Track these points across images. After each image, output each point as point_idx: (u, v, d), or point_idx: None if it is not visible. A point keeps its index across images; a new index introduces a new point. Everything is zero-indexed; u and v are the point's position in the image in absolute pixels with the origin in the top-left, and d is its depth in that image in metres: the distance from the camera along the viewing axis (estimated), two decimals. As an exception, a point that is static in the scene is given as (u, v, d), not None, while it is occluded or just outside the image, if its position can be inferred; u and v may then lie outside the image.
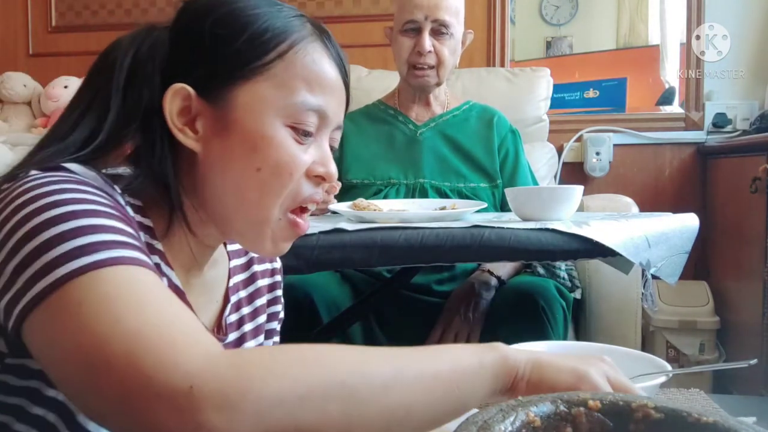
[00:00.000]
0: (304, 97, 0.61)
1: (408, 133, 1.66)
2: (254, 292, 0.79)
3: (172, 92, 0.60)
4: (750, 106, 2.38)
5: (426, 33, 1.55)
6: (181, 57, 0.62)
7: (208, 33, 0.61)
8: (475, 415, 0.43)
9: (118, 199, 0.56)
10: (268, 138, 0.60)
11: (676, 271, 1.07)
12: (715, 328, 2.13)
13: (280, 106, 0.61)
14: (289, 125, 0.61)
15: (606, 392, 0.48)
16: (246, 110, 0.60)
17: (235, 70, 0.61)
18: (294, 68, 0.61)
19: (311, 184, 0.64)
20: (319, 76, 0.63)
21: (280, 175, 0.61)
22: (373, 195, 1.57)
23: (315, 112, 0.62)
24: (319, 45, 0.64)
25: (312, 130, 0.63)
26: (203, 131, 0.61)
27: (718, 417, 0.43)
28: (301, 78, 0.62)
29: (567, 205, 1.13)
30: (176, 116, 0.60)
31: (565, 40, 3.01)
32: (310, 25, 0.65)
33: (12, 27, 2.80)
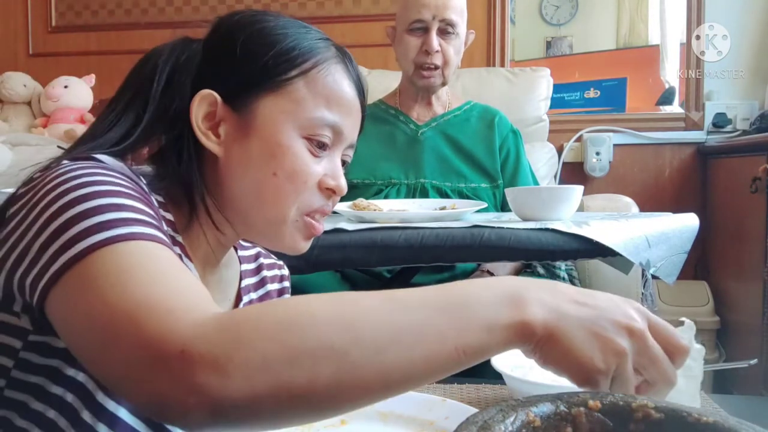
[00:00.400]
0: (322, 113, 0.66)
1: (409, 132, 1.66)
2: (264, 295, 0.82)
3: (200, 97, 0.65)
4: (750, 106, 2.38)
5: (433, 32, 1.56)
6: (212, 67, 0.67)
7: (240, 46, 0.66)
8: (475, 415, 0.43)
9: (143, 188, 0.59)
10: (286, 147, 0.65)
11: (675, 270, 1.07)
12: (715, 328, 2.13)
13: (299, 119, 0.65)
14: (305, 137, 0.66)
15: (606, 392, 0.47)
16: (267, 119, 0.65)
17: (260, 82, 0.65)
18: (315, 86, 0.66)
19: (322, 196, 0.68)
20: (339, 95, 0.68)
21: (294, 181, 0.65)
22: (374, 195, 1.57)
23: (331, 127, 0.67)
24: (341, 67, 0.69)
25: (327, 143, 0.67)
26: (225, 136, 0.66)
27: (718, 417, 0.43)
28: (321, 95, 0.66)
29: (567, 205, 1.13)
30: (201, 120, 0.65)
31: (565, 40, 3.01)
32: (334, 48, 0.70)
33: (12, 27, 2.80)
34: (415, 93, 1.67)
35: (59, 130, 2.48)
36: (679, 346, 0.49)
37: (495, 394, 0.85)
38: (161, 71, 0.66)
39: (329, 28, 2.61)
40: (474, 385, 0.88)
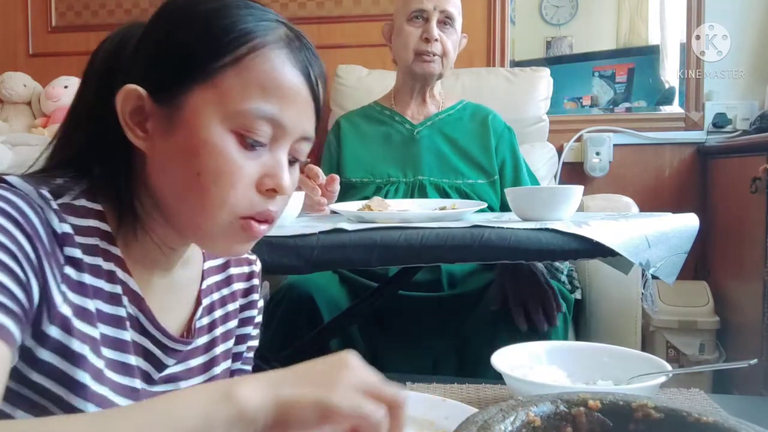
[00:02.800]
0: (256, 105, 0.59)
1: (405, 132, 1.69)
2: (228, 296, 0.78)
3: (124, 93, 0.60)
4: (750, 106, 2.38)
5: (434, 22, 1.60)
6: (144, 57, 0.62)
7: (166, 33, 0.61)
8: (476, 415, 0.43)
9: (31, 222, 0.54)
10: (210, 144, 0.58)
11: (674, 270, 1.07)
12: (715, 328, 2.13)
13: (228, 112, 0.59)
14: (235, 132, 0.59)
15: (606, 392, 0.47)
16: (193, 113, 0.59)
17: (188, 73, 0.60)
18: (249, 74, 0.59)
19: (262, 198, 0.62)
20: (277, 83, 0.60)
21: (219, 183, 0.59)
22: (372, 194, 1.58)
23: (267, 121, 0.60)
24: (284, 52, 0.61)
25: (263, 140, 0.61)
26: (152, 131, 0.61)
27: (718, 417, 0.43)
28: (255, 84, 0.59)
29: (567, 205, 1.13)
30: (128, 115, 0.61)
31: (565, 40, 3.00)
32: (281, 30, 0.62)
33: (12, 27, 2.80)
34: (411, 89, 1.69)
35: (59, 130, 2.48)
36: None
37: (495, 394, 0.85)
38: (97, 69, 0.64)
39: (329, 28, 2.61)
40: (474, 385, 0.88)
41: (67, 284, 0.58)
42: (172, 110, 0.60)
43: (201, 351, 0.73)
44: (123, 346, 0.63)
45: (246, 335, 0.81)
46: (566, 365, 0.83)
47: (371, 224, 1.10)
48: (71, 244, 0.58)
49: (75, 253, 0.58)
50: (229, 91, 0.59)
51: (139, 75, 0.61)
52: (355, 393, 0.47)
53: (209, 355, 0.74)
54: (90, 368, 0.58)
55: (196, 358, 0.72)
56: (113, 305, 0.62)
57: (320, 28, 2.58)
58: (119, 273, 0.62)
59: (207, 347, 0.74)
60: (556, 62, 2.89)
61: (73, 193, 0.61)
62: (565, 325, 1.39)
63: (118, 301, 0.62)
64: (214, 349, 0.74)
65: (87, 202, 0.62)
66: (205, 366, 0.73)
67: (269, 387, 0.46)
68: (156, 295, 0.67)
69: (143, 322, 0.65)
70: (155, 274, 0.68)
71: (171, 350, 0.68)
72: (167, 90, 0.60)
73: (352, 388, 0.47)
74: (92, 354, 0.59)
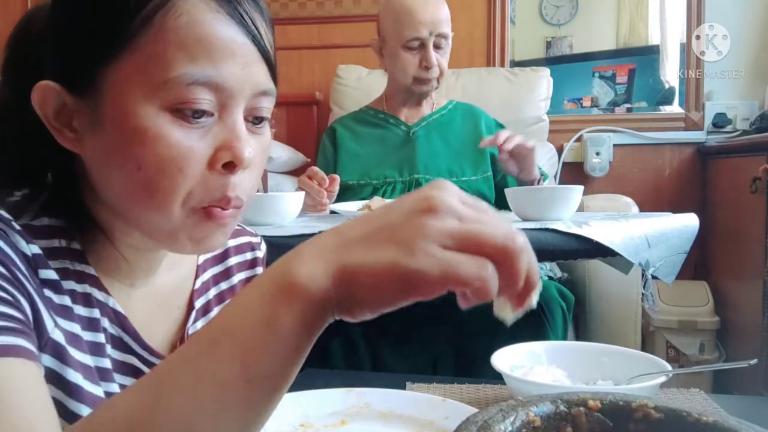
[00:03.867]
0: (183, 70, 0.48)
1: (401, 133, 1.71)
2: (227, 291, 0.69)
3: (38, 91, 0.51)
4: (750, 106, 2.38)
5: (430, 47, 1.59)
6: (50, 46, 0.53)
7: (68, 9, 0.51)
8: (475, 415, 0.43)
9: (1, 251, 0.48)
10: (142, 131, 0.48)
11: (674, 270, 1.07)
12: (715, 328, 2.13)
13: (152, 87, 0.48)
14: (169, 108, 0.49)
15: (606, 392, 0.47)
16: (115, 98, 0.49)
17: (96, 49, 0.49)
18: (164, 34, 0.48)
19: (220, 176, 0.51)
20: (203, 38, 0.49)
21: (165, 172, 0.49)
22: (369, 195, 1.60)
23: (204, 86, 0.49)
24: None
25: (207, 108, 0.50)
26: (81, 130, 0.52)
27: (718, 417, 0.43)
28: (175, 45, 0.48)
29: (567, 205, 1.13)
30: (52, 117, 0.52)
31: (565, 40, 3.00)
32: None
33: (12, 27, 2.79)
34: (406, 99, 1.72)
35: (59, 130, 2.48)
36: None
37: (495, 394, 0.85)
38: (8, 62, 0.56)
39: (329, 28, 2.61)
40: (474, 385, 0.88)
41: (52, 308, 0.51)
42: (94, 100, 0.50)
43: None
44: (105, 374, 0.56)
45: None
46: (566, 365, 0.83)
47: (371, 224, 1.10)
48: (44, 265, 0.51)
49: (50, 275, 0.52)
50: (147, 61, 0.48)
51: (51, 66, 0.52)
52: (445, 246, 0.35)
53: None
54: (87, 398, 0.53)
55: None
56: (91, 331, 0.55)
57: (320, 28, 2.59)
58: (96, 293, 0.56)
59: None
60: (556, 62, 2.90)
61: (32, 212, 0.53)
62: (564, 325, 1.39)
63: (96, 327, 0.56)
64: None
65: (49, 219, 0.54)
66: None
67: (331, 256, 0.37)
68: (139, 308, 0.60)
69: (128, 341, 0.58)
70: (136, 286, 0.60)
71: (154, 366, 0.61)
72: (81, 78, 0.50)
73: (441, 239, 0.35)
74: (88, 382, 0.53)
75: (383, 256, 0.35)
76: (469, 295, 0.36)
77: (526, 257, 0.37)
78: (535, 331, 1.30)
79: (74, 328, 0.53)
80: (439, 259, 0.35)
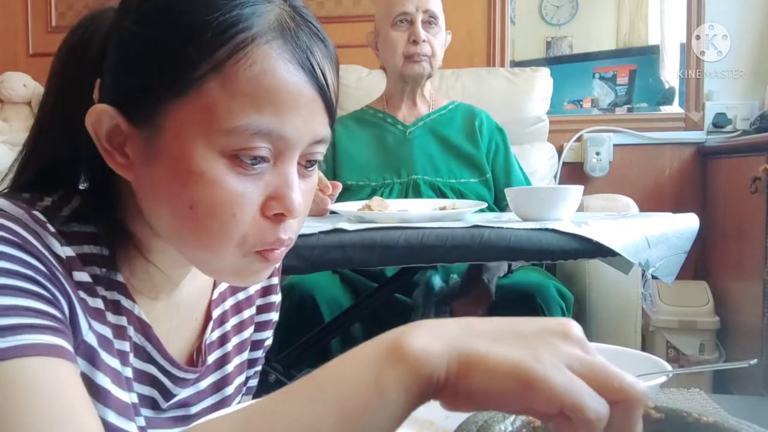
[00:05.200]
0: (248, 120, 0.48)
1: (397, 133, 1.71)
2: (244, 301, 0.70)
3: (94, 114, 0.51)
4: (750, 106, 2.38)
5: (419, 23, 1.61)
6: (110, 66, 0.52)
7: (131, 33, 0.50)
8: (475, 415, 0.43)
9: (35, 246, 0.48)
10: (198, 173, 0.48)
11: (674, 270, 1.07)
12: (715, 328, 2.13)
13: (214, 131, 0.48)
14: (227, 154, 0.49)
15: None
16: (174, 136, 0.49)
17: (160, 86, 0.49)
18: (235, 83, 0.48)
19: (270, 225, 0.52)
20: (272, 90, 0.48)
21: (217, 216, 0.49)
22: (367, 196, 1.59)
23: (265, 137, 0.49)
24: (276, 45, 0.49)
25: (265, 155, 0.50)
26: (133, 156, 0.51)
27: (718, 417, 0.43)
28: (243, 94, 0.48)
29: (567, 205, 1.13)
30: (104, 138, 0.51)
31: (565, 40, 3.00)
32: (271, 13, 0.49)
33: (12, 27, 2.80)
34: (402, 91, 1.71)
35: (59, 130, 2.48)
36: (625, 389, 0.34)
37: (495, 394, 0.85)
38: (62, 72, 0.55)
39: (329, 28, 2.60)
40: (474, 385, 0.88)
41: (87, 310, 0.51)
42: (152, 132, 0.50)
43: (212, 369, 0.66)
44: (126, 383, 0.56)
45: (262, 340, 0.74)
46: (566, 365, 0.83)
47: (371, 224, 1.10)
48: (78, 268, 0.51)
49: (84, 277, 0.51)
50: (213, 106, 0.48)
51: (111, 90, 0.51)
52: (572, 370, 0.34)
53: (221, 373, 0.67)
54: (114, 403, 0.53)
55: (206, 379, 0.65)
56: (119, 339, 0.55)
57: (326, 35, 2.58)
58: (124, 301, 0.55)
59: (218, 363, 0.67)
60: (556, 62, 2.89)
61: (62, 217, 0.53)
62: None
63: (123, 335, 0.56)
64: (225, 367, 0.67)
65: (79, 225, 0.54)
66: (217, 385, 0.67)
67: (453, 339, 0.35)
68: (162, 318, 0.60)
69: (150, 351, 0.58)
70: (160, 298, 0.60)
71: (180, 380, 0.61)
72: (142, 109, 0.50)
73: (570, 361, 0.34)
74: (116, 387, 0.53)
75: (510, 352, 0.34)
76: (568, 428, 0.33)
77: (642, 409, 0.35)
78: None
79: (106, 332, 0.53)
80: (565, 375, 0.33)
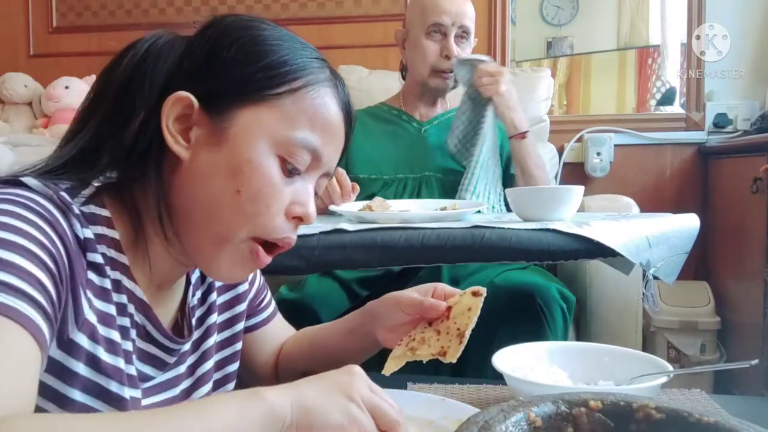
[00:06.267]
0: (304, 134, 0.62)
1: (412, 130, 1.71)
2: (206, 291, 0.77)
3: (174, 99, 0.61)
4: (751, 106, 2.38)
5: (452, 38, 1.62)
6: (193, 68, 0.63)
7: (228, 50, 0.62)
8: (477, 415, 0.43)
9: (61, 224, 0.54)
10: (256, 163, 0.60)
11: (675, 271, 1.07)
12: (715, 329, 2.13)
13: (277, 136, 0.61)
14: (280, 156, 0.62)
15: (607, 392, 0.47)
16: (243, 130, 0.61)
17: (244, 92, 0.61)
18: (302, 105, 0.63)
19: (288, 224, 0.64)
20: (325, 118, 0.64)
21: (256, 203, 0.61)
22: (380, 189, 1.60)
23: (310, 151, 0.63)
24: (331, 90, 0.65)
25: (301, 168, 0.63)
26: (195, 141, 0.61)
27: (720, 417, 0.43)
28: (306, 116, 0.63)
29: (568, 205, 1.13)
30: (172, 121, 0.61)
31: (565, 41, 3.00)
32: (328, 70, 0.67)
33: (13, 27, 2.80)
34: (421, 95, 1.72)
35: (60, 131, 2.48)
36: None
37: (496, 395, 0.85)
38: (136, 69, 0.62)
39: (329, 28, 2.61)
40: (475, 385, 0.88)
41: (92, 290, 0.57)
42: (222, 124, 0.61)
43: (192, 349, 0.73)
44: (127, 356, 0.62)
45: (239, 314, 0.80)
46: (567, 366, 0.83)
47: (372, 225, 1.10)
48: (92, 249, 0.58)
49: (96, 258, 0.58)
50: (282, 117, 0.62)
51: (188, 84, 0.61)
52: None
53: (198, 353, 0.73)
54: (107, 370, 0.58)
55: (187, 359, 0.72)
56: (120, 316, 0.61)
57: (321, 29, 2.58)
58: (125, 282, 0.62)
59: (197, 343, 0.73)
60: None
61: (82, 199, 0.60)
62: (565, 326, 1.38)
63: (124, 312, 0.62)
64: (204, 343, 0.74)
65: (96, 208, 0.61)
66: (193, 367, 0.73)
67: (291, 390, 0.51)
68: (155, 297, 0.67)
69: (150, 330, 0.65)
70: (161, 289, 0.68)
71: (173, 351, 0.68)
72: (220, 104, 0.61)
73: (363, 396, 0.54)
74: (108, 354, 0.58)
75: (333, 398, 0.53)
76: None
77: None
78: (536, 332, 1.30)
79: (110, 310, 0.59)
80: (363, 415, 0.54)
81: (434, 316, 0.75)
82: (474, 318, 0.72)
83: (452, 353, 0.70)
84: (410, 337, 0.76)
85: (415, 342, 0.74)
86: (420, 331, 0.76)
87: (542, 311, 1.35)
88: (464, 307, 0.74)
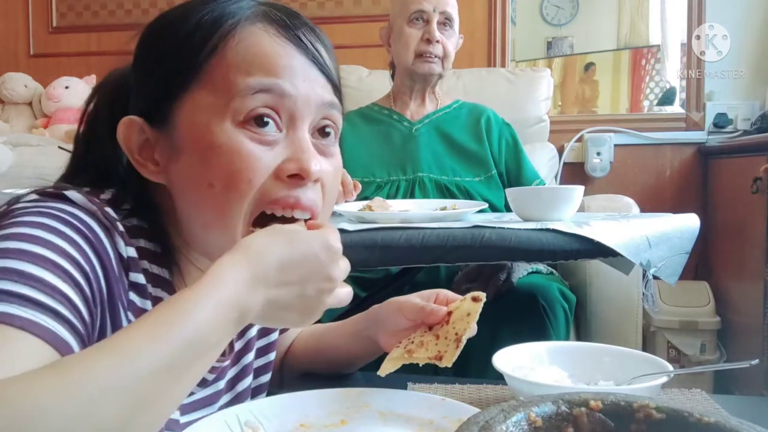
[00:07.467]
0: (245, 83, 0.55)
1: (404, 130, 1.71)
2: None
3: (123, 126, 0.58)
4: (751, 106, 2.38)
5: (434, 23, 1.62)
6: (134, 88, 0.60)
7: (146, 55, 0.59)
8: (477, 415, 0.43)
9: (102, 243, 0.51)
10: (217, 146, 0.54)
11: (676, 271, 1.07)
12: (716, 329, 2.13)
13: (220, 106, 0.55)
14: (241, 122, 0.55)
15: (607, 392, 0.47)
16: (189, 124, 0.56)
17: (170, 85, 0.57)
18: (230, 57, 0.55)
19: (284, 186, 0.56)
20: (260, 55, 0.56)
21: (235, 185, 0.54)
22: (373, 192, 1.59)
23: (263, 91, 0.55)
24: (259, 25, 0.57)
25: (268, 113, 0.55)
26: (162, 161, 0.58)
27: (720, 417, 0.43)
28: (235, 68, 0.55)
29: (568, 205, 1.13)
30: (137, 152, 0.59)
31: (565, 41, 3.01)
32: (256, 8, 0.59)
33: (13, 27, 2.80)
34: (411, 89, 1.72)
35: (60, 131, 2.48)
36: None
37: (496, 395, 0.85)
38: (101, 102, 0.62)
39: (330, 28, 2.61)
40: (475, 385, 0.88)
41: (133, 311, 0.55)
42: (171, 131, 0.57)
43: (231, 363, 0.71)
44: None
45: None
46: (567, 366, 0.82)
47: (372, 225, 1.10)
48: (135, 269, 0.55)
49: (139, 278, 0.55)
50: (214, 85, 0.55)
51: (134, 104, 0.59)
52: None
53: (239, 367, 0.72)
54: None
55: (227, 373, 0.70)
56: None
57: (321, 29, 2.58)
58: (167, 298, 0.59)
59: (238, 356, 0.72)
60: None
61: (124, 211, 0.58)
62: (567, 325, 1.38)
63: None
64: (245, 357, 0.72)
65: (137, 220, 0.59)
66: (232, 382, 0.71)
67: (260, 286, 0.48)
68: None
69: None
70: None
71: (214, 368, 0.66)
72: (160, 111, 0.57)
73: None
74: None
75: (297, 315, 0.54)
76: None
77: None
78: (537, 332, 1.30)
79: None
80: None
81: (435, 321, 0.75)
82: (472, 323, 0.72)
83: (448, 358, 0.69)
84: (409, 339, 0.76)
85: (414, 345, 0.74)
86: (419, 335, 0.76)
87: (545, 311, 1.35)
88: (463, 313, 0.74)
